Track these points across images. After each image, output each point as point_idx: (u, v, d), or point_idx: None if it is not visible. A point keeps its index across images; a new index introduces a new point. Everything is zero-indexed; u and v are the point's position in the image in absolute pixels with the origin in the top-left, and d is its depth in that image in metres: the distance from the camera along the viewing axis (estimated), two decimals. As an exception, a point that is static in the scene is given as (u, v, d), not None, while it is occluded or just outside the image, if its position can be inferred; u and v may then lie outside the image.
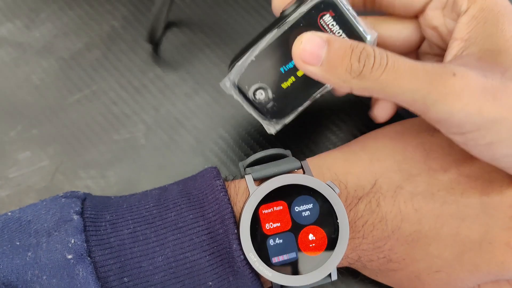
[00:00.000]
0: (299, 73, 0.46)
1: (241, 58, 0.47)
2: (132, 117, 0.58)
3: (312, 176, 0.42)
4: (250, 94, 0.47)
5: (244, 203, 0.42)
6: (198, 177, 0.45)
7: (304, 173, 0.43)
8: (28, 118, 0.57)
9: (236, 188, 0.44)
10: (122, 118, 0.58)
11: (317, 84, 0.46)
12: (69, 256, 0.38)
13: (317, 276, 0.41)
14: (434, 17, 0.47)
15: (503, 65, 0.41)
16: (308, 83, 0.46)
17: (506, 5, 0.43)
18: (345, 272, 0.49)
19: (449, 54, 0.44)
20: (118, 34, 0.62)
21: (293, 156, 0.45)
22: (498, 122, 0.38)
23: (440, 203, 0.42)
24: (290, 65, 0.46)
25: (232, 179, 0.46)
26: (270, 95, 0.47)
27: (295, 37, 0.40)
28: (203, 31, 0.62)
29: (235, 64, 0.47)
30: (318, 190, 0.42)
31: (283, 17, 0.46)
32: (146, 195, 0.45)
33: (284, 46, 0.45)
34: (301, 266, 0.41)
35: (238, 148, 0.56)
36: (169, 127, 0.57)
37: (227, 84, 0.47)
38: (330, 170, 0.45)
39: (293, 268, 0.41)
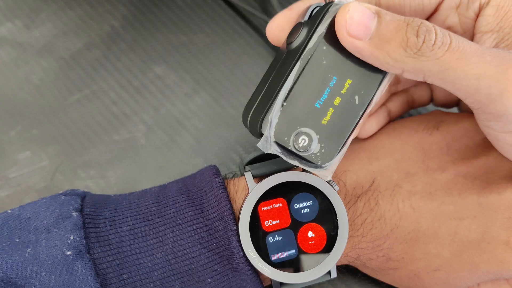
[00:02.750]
0: (336, 101, 0.39)
1: (268, 109, 0.39)
2: (132, 117, 0.58)
3: (312, 173, 0.42)
4: (291, 144, 0.38)
5: (244, 200, 0.42)
6: (198, 175, 0.45)
7: (303, 170, 0.43)
8: (28, 118, 0.57)
9: (235, 186, 0.44)
10: (122, 118, 0.58)
11: (360, 106, 0.39)
12: (68, 252, 0.38)
13: (317, 273, 0.41)
14: (448, 16, 0.43)
15: None
16: (350, 108, 0.39)
17: None
18: (344, 270, 0.49)
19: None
20: (118, 34, 0.62)
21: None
22: None
23: (438, 203, 0.42)
24: (324, 96, 0.38)
25: (232, 177, 0.46)
26: (314, 137, 0.39)
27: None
28: (203, 31, 0.62)
29: (262, 117, 0.39)
30: (318, 187, 0.42)
31: (296, 48, 0.39)
32: (146, 192, 0.45)
33: (312, 78, 0.38)
34: (301, 263, 0.41)
35: (238, 148, 0.56)
36: (169, 127, 0.57)
37: (263, 142, 0.39)
38: (329, 168, 0.45)
39: (292, 265, 0.41)
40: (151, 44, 0.61)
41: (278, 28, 0.43)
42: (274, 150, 0.38)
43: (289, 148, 0.38)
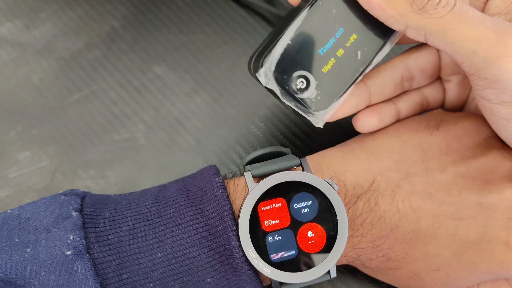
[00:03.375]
0: (339, 53, 0.41)
1: (274, 45, 0.40)
2: (132, 117, 0.58)
3: (311, 173, 0.42)
4: (289, 83, 0.40)
5: (243, 200, 0.42)
6: (197, 175, 0.45)
7: (303, 170, 0.43)
8: (28, 118, 0.57)
9: (235, 186, 0.44)
10: (122, 118, 0.58)
11: (361, 63, 0.42)
12: (68, 252, 0.38)
13: (316, 273, 0.41)
14: None
15: None
16: (351, 62, 0.41)
17: None
18: (344, 270, 0.49)
19: (493, 4, 0.42)
20: (118, 34, 0.62)
21: (292, 154, 0.45)
22: None
23: (438, 204, 0.42)
24: (329, 45, 0.41)
25: (231, 177, 0.46)
26: (313, 82, 0.41)
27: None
28: (203, 31, 0.62)
29: (267, 53, 0.40)
30: (317, 187, 0.42)
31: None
32: (145, 192, 0.45)
33: (319, 25, 0.40)
34: (300, 263, 0.41)
35: (238, 148, 0.56)
36: (169, 127, 0.57)
37: (263, 75, 0.40)
38: (329, 168, 0.45)
39: (292, 265, 0.41)
40: (151, 44, 0.61)
41: None
42: (272, 85, 0.40)
43: (287, 87, 0.40)
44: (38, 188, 0.55)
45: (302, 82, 0.41)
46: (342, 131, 0.55)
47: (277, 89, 0.41)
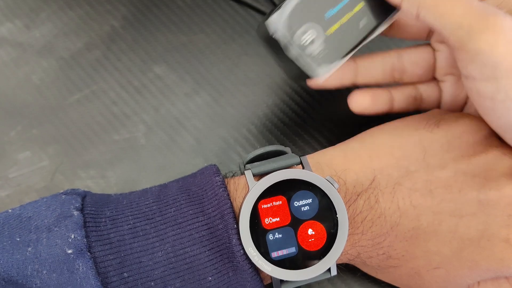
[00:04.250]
0: (345, 18, 0.44)
1: (285, 2, 0.43)
2: (132, 117, 0.58)
3: (312, 171, 0.42)
4: (297, 34, 0.43)
5: (244, 198, 0.42)
6: (198, 174, 0.45)
7: (303, 168, 0.43)
8: (28, 118, 0.58)
9: (235, 184, 0.44)
10: (122, 118, 0.58)
11: (361, 32, 0.45)
12: (69, 251, 0.38)
13: (317, 270, 0.41)
14: None
15: None
16: (353, 29, 0.45)
17: None
18: (344, 269, 0.49)
19: None
20: (118, 34, 0.62)
21: (292, 153, 0.45)
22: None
23: (438, 201, 0.42)
24: (337, 9, 0.44)
25: (232, 176, 0.46)
26: (320, 37, 0.44)
27: None
28: (203, 31, 0.62)
29: (278, 7, 0.43)
30: (317, 185, 0.42)
31: None
32: (146, 192, 0.45)
33: None
34: (301, 260, 0.41)
35: (238, 148, 0.56)
36: (169, 127, 0.57)
37: (272, 24, 0.43)
38: (329, 167, 0.45)
39: (292, 262, 0.41)
40: (151, 44, 0.61)
41: None
42: (281, 34, 0.43)
43: (294, 37, 0.43)
44: (38, 188, 0.55)
45: (310, 35, 0.43)
46: (342, 131, 0.56)
47: (284, 38, 0.43)
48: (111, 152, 0.56)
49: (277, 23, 0.43)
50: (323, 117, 0.57)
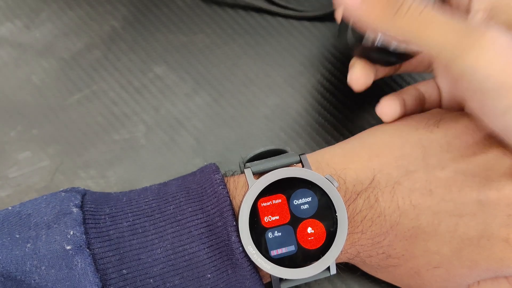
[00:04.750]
0: None
1: None
2: (132, 117, 0.58)
3: (311, 170, 0.42)
4: None
5: (243, 196, 0.42)
6: (198, 172, 0.45)
7: (303, 167, 0.43)
8: (28, 118, 0.58)
9: (235, 183, 0.44)
10: (122, 118, 0.58)
11: None
12: (68, 247, 0.38)
13: (316, 269, 0.41)
14: None
15: None
16: None
17: None
18: (344, 268, 0.48)
19: (476, 14, 0.44)
20: (118, 34, 0.62)
21: (292, 152, 0.45)
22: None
23: (438, 200, 0.42)
24: None
25: (232, 175, 0.46)
26: None
27: None
28: (203, 31, 0.62)
29: None
30: (317, 183, 0.42)
31: None
32: (146, 189, 0.45)
33: None
34: (300, 259, 0.41)
35: (238, 148, 0.56)
36: (169, 127, 0.57)
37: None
38: (329, 166, 0.45)
39: (291, 261, 0.41)
40: (151, 44, 0.62)
41: None
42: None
43: None
44: (38, 188, 0.55)
45: None
46: (341, 131, 0.56)
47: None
48: (111, 152, 0.56)
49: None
50: (323, 117, 0.57)
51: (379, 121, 0.49)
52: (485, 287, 0.44)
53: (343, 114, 0.57)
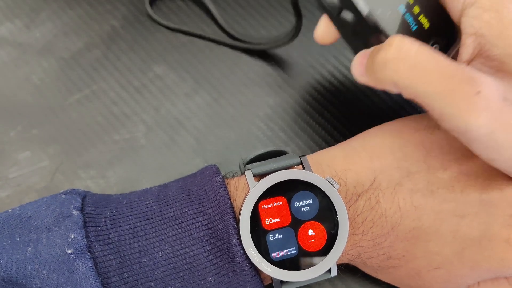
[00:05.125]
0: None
1: None
2: (132, 117, 0.58)
3: (312, 171, 0.42)
4: None
5: (244, 198, 0.42)
6: (198, 174, 0.45)
7: (303, 169, 0.43)
8: (28, 118, 0.58)
9: (235, 185, 0.44)
10: (122, 118, 0.58)
11: None
12: (69, 251, 0.38)
13: (317, 271, 0.41)
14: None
15: None
16: None
17: None
18: (344, 269, 0.48)
19: (465, 53, 0.41)
20: (118, 34, 0.62)
21: (292, 153, 0.45)
22: (505, 147, 0.37)
23: (440, 201, 0.42)
24: None
25: (232, 176, 0.46)
26: None
27: None
28: (203, 31, 0.62)
29: None
30: (318, 185, 0.42)
31: None
32: (146, 192, 0.45)
33: None
34: (301, 261, 0.41)
35: (238, 148, 0.56)
36: (169, 127, 0.57)
37: None
38: (330, 167, 0.45)
39: (292, 263, 0.41)
40: (151, 44, 0.61)
41: None
42: None
43: None
44: (38, 188, 0.55)
45: None
46: (342, 131, 0.56)
47: None
48: (111, 152, 0.56)
49: None
50: (323, 117, 0.57)
51: (379, 122, 0.49)
52: (485, 287, 0.44)
53: (343, 115, 0.57)
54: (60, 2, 0.64)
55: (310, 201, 0.42)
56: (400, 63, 0.37)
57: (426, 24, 0.43)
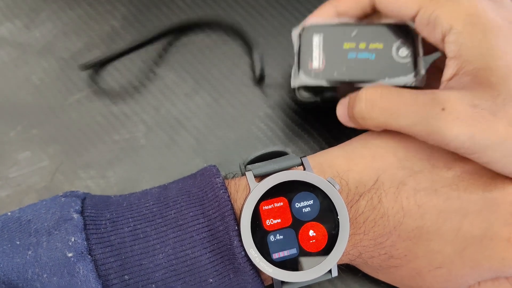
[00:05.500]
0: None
1: None
2: (132, 117, 0.58)
3: (313, 172, 0.42)
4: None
5: (245, 199, 0.42)
6: (198, 175, 0.45)
7: (304, 169, 0.43)
8: (28, 118, 0.58)
9: (236, 186, 0.44)
10: (122, 118, 0.58)
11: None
12: (70, 254, 0.38)
13: (318, 272, 0.41)
14: (422, 31, 0.47)
15: (495, 88, 0.41)
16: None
17: (492, 17, 0.43)
18: (345, 269, 0.49)
19: (447, 73, 0.44)
20: (118, 34, 0.62)
21: (293, 154, 0.45)
22: (490, 147, 0.40)
23: (443, 199, 0.42)
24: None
25: (232, 177, 0.46)
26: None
27: None
28: (204, 31, 0.62)
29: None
30: (318, 186, 0.42)
31: None
32: (146, 193, 0.45)
33: None
34: (302, 262, 0.41)
35: (238, 148, 0.56)
36: (169, 127, 0.57)
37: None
38: (331, 167, 0.45)
39: (293, 264, 0.41)
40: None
41: None
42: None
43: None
44: (38, 188, 0.55)
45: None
46: (343, 132, 0.56)
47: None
48: (111, 152, 0.56)
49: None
50: (324, 118, 0.57)
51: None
52: (485, 287, 0.44)
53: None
54: (60, 2, 0.63)
55: (311, 201, 0.42)
56: (372, 112, 0.44)
57: (379, 45, 0.49)
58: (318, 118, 0.57)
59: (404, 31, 0.49)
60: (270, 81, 0.59)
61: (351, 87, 0.49)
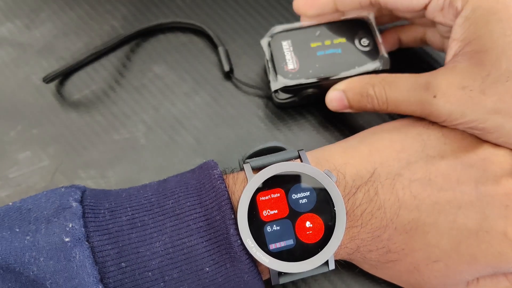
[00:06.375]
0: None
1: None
2: (132, 117, 0.58)
3: (310, 164, 0.42)
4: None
5: (242, 190, 0.42)
6: (197, 169, 0.45)
7: (301, 162, 0.43)
8: (28, 118, 0.58)
9: (234, 179, 0.44)
10: (122, 118, 0.58)
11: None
12: (67, 239, 0.38)
13: (314, 263, 0.41)
14: (435, 16, 0.49)
15: (487, 67, 0.43)
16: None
17: (497, 2, 0.44)
18: (343, 263, 0.48)
19: (449, 54, 0.47)
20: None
21: (291, 148, 0.45)
22: (480, 121, 0.44)
23: (437, 189, 0.43)
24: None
25: (231, 172, 0.46)
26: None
27: None
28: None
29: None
30: (315, 177, 0.42)
31: None
32: (145, 186, 0.45)
33: None
34: (298, 253, 0.41)
35: (238, 148, 0.56)
36: (169, 127, 0.57)
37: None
38: (328, 162, 0.45)
39: (290, 254, 0.41)
40: (151, 44, 0.62)
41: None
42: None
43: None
44: (38, 188, 0.55)
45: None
46: (342, 131, 0.56)
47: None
48: (111, 152, 0.56)
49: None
50: (324, 117, 0.57)
51: (379, 122, 0.50)
52: (484, 285, 0.44)
53: (344, 115, 0.57)
54: (60, 2, 0.64)
55: (308, 193, 0.42)
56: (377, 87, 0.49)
57: (342, 40, 0.55)
58: (318, 119, 0.57)
59: (360, 24, 0.55)
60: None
61: (328, 80, 0.53)
